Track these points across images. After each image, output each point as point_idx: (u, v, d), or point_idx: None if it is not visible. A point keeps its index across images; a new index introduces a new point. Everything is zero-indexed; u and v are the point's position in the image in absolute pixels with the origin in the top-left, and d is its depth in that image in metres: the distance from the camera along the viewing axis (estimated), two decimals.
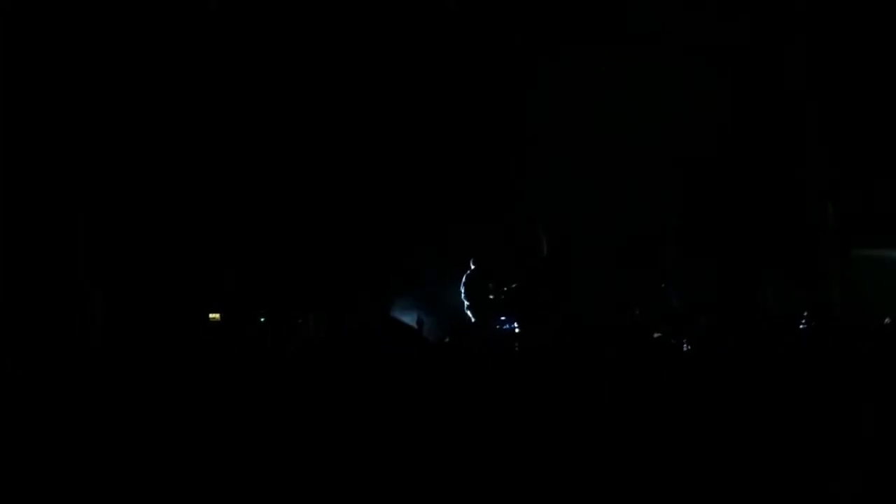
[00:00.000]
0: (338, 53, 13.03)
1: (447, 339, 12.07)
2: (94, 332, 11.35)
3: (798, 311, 11.87)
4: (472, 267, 12.86)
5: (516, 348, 10.63)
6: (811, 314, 11.67)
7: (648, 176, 13.99)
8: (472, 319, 12.62)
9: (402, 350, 9.41)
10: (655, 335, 9.70)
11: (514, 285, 12.81)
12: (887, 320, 11.73)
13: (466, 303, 12.73)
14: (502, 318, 12.47)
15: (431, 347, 10.48)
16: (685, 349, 9.91)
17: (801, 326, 11.07)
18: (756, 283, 13.99)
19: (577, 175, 13.82)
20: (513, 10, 13.27)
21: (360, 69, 13.07)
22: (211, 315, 12.69)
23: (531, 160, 13.99)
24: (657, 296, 14.06)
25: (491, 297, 12.72)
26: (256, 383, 7.99)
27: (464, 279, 12.81)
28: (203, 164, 12.88)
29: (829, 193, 13.88)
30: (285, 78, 12.89)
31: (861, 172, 13.49)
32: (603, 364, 8.76)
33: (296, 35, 12.83)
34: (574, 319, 12.73)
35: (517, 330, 12.19)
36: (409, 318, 13.25)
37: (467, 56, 13.20)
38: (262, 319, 12.02)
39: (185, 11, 12.53)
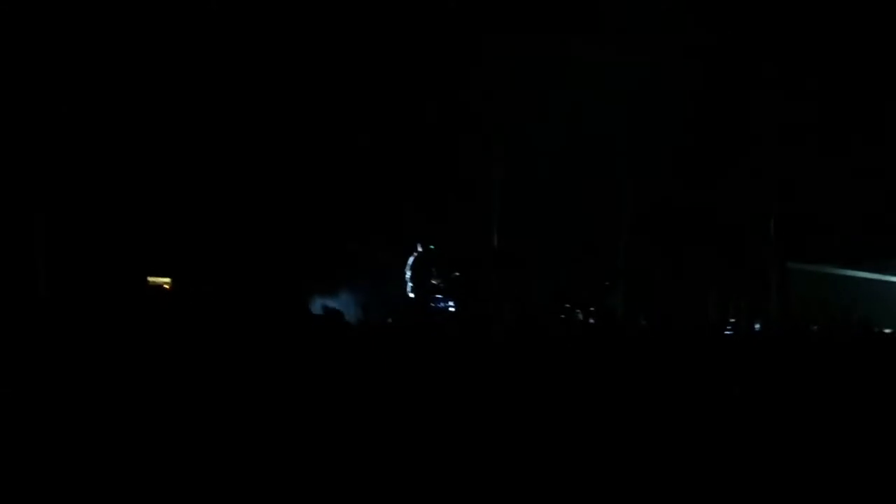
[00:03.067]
0: (295, 40, 13.05)
1: (390, 321, 12.21)
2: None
3: (729, 318, 12.24)
4: (419, 251, 12.98)
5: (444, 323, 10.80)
6: (739, 321, 12.04)
7: (602, 176, 14.30)
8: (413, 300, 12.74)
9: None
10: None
11: (457, 274, 13.01)
12: (815, 328, 12.12)
13: (410, 285, 12.83)
14: (437, 296, 12.60)
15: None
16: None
17: (727, 332, 11.41)
18: (698, 288, 14.37)
19: (533, 169, 14.07)
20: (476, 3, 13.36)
21: (320, 58, 13.10)
22: (161, 280, 12.78)
23: (489, 151, 14.20)
24: (601, 294, 14.43)
25: (434, 282, 12.88)
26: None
27: (409, 262, 12.91)
28: (172, 145, 12.90)
29: (772, 209, 14.28)
30: (241, 65, 12.89)
31: (803, 190, 13.87)
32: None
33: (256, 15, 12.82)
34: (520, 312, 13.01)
35: (451, 309, 12.35)
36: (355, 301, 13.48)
37: (427, 45, 13.25)
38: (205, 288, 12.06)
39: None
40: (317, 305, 13.12)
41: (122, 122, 12.34)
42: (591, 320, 12.51)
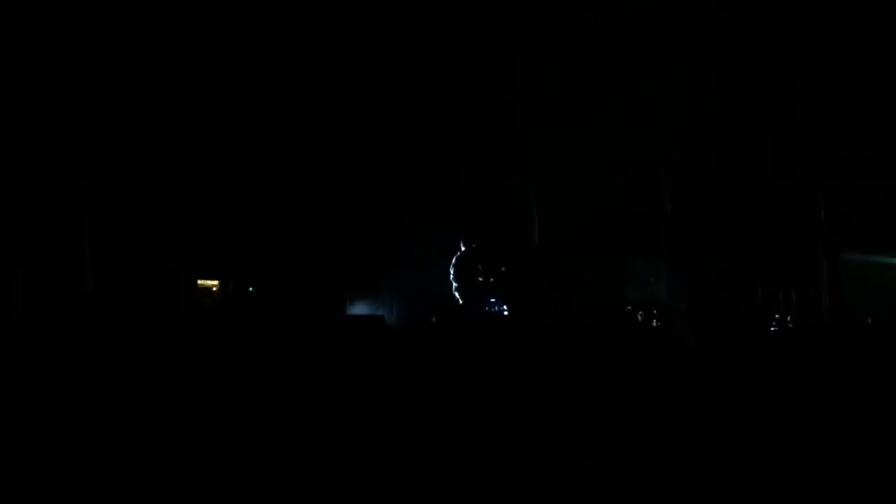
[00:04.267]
0: (318, 30, 12.99)
1: (433, 320, 12.20)
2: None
3: (778, 311, 12.05)
4: (463, 248, 12.94)
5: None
6: (784, 314, 11.85)
7: (644, 170, 14.14)
8: (460, 300, 12.71)
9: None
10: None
11: (503, 269, 12.93)
12: (868, 320, 11.92)
13: (455, 284, 12.79)
14: (491, 300, 12.57)
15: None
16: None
17: (772, 328, 11.25)
18: (744, 281, 14.15)
19: (573, 163, 13.95)
20: None
21: (345, 45, 13.04)
22: (209, 282, 12.93)
23: (528, 146, 14.10)
24: (647, 288, 14.29)
25: (481, 279, 12.82)
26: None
27: (453, 260, 12.87)
28: (199, 146, 12.98)
29: (821, 199, 14.00)
30: (286, 68, 12.89)
31: (852, 180, 13.60)
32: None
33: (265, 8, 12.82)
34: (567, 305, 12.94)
35: (506, 312, 12.32)
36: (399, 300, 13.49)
37: (462, 36, 13.15)
38: (251, 289, 12.20)
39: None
40: (358, 307, 13.20)
41: (164, 126, 12.46)
42: (655, 322, 12.35)
